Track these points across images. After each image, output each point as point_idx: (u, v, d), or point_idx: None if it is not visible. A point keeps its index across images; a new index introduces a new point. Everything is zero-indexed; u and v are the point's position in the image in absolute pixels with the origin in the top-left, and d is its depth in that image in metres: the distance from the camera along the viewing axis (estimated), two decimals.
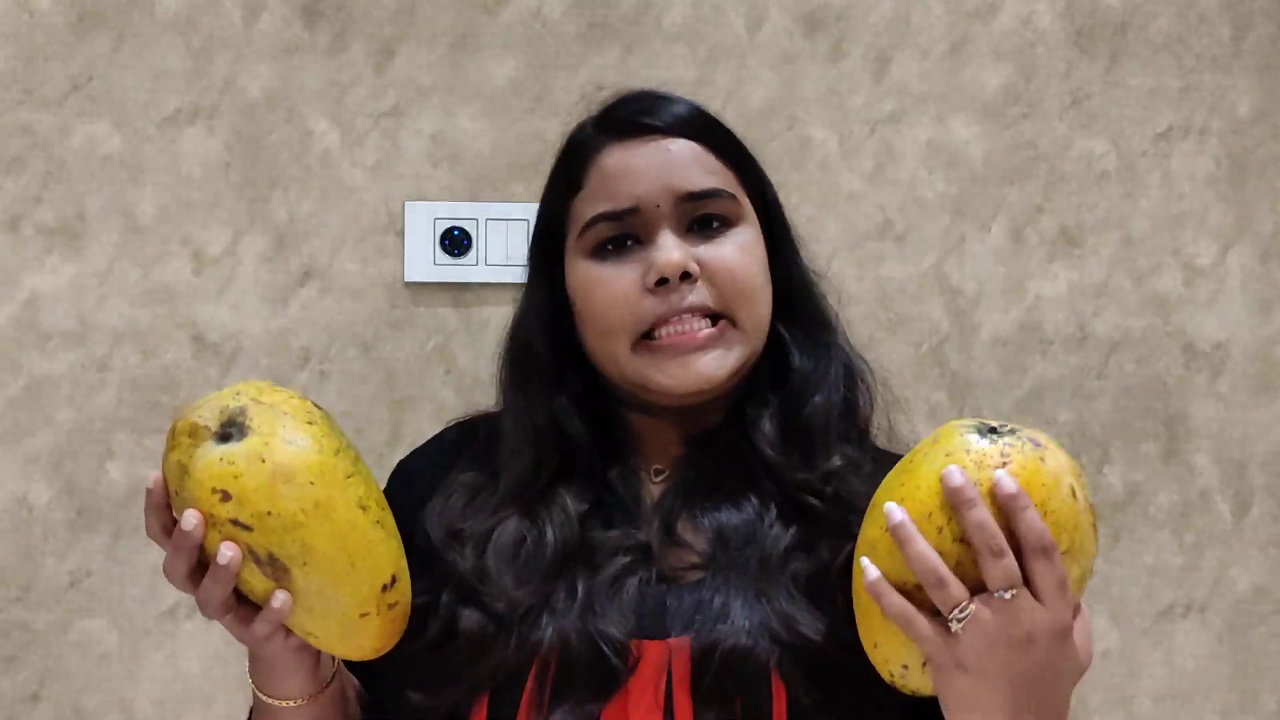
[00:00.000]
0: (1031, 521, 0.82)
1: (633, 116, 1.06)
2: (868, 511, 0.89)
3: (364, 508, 0.90)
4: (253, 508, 0.86)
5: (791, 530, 1.00)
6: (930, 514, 0.84)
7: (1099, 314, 1.87)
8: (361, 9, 1.80)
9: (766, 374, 1.07)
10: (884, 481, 0.90)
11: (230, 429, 0.88)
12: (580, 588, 0.99)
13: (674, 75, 1.81)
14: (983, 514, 0.82)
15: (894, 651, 0.88)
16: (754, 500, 1.02)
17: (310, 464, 0.88)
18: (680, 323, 1.01)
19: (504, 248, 1.79)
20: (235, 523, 0.87)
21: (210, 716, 1.78)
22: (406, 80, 1.81)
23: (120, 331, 1.78)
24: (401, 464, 1.16)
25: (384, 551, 0.92)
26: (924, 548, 0.83)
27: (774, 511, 1.01)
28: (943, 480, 0.83)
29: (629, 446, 1.09)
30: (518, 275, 1.76)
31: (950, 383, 1.85)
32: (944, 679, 0.85)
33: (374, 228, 1.81)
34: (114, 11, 1.78)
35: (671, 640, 0.97)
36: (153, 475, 0.91)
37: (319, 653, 0.97)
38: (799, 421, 1.04)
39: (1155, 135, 1.87)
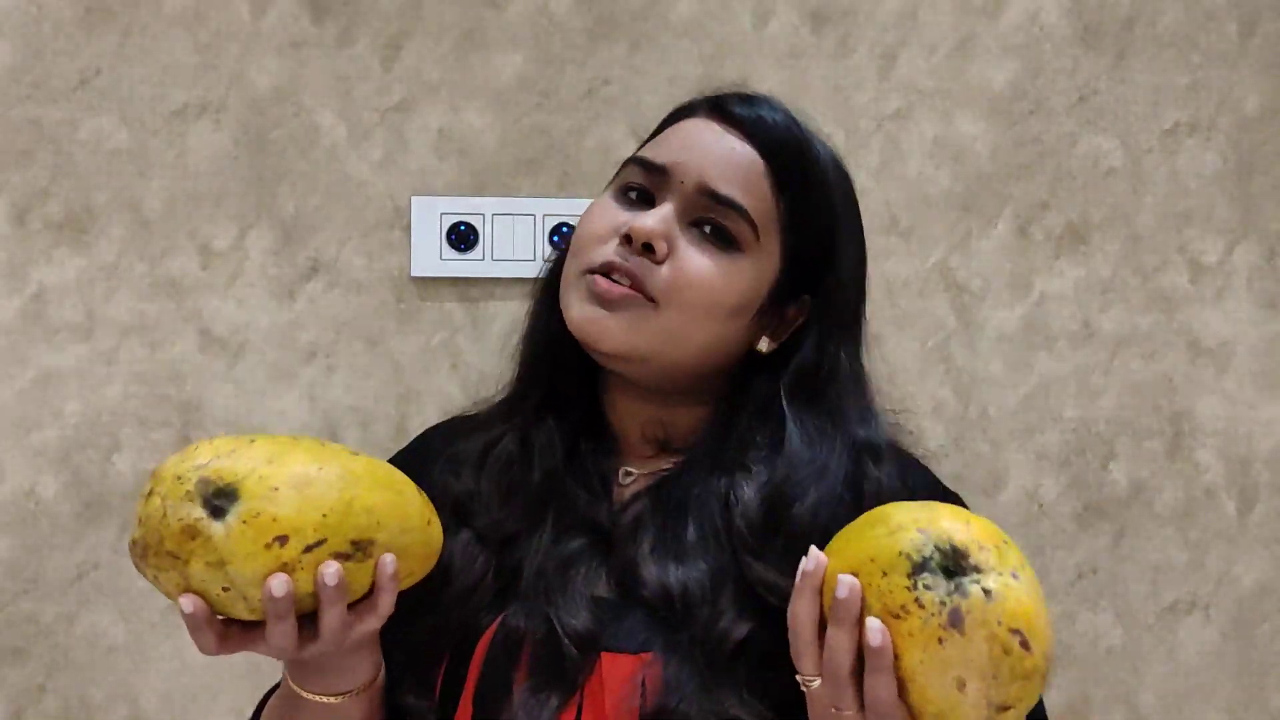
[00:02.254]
0: (877, 685, 0.81)
1: (733, 103, 1.06)
2: (864, 528, 0.86)
3: (355, 454, 0.92)
4: (311, 524, 0.86)
5: (748, 625, 0.95)
6: (832, 590, 0.84)
7: (1105, 310, 1.87)
8: (369, 4, 1.80)
9: (757, 437, 1.03)
10: (867, 515, 0.87)
11: (215, 501, 0.85)
12: (541, 552, 1.01)
13: (680, 71, 1.81)
14: (843, 640, 0.82)
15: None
16: (713, 563, 0.98)
17: (302, 459, 0.88)
18: (618, 278, 1.00)
19: (510, 243, 1.79)
20: (309, 549, 0.86)
21: (216, 709, 1.79)
22: (413, 75, 1.81)
23: (128, 325, 1.78)
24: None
25: (395, 470, 0.94)
26: (806, 609, 0.84)
27: (731, 591, 0.97)
28: (843, 588, 0.81)
29: (605, 430, 1.09)
30: (524, 270, 1.78)
31: (956, 379, 1.85)
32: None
33: (381, 222, 1.81)
34: (121, 6, 1.78)
35: (644, 655, 0.96)
36: (183, 600, 0.86)
37: (377, 638, 0.97)
38: (787, 514, 0.99)
39: (1162, 132, 1.87)
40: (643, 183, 1.03)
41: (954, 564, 0.80)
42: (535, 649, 0.97)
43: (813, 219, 1.04)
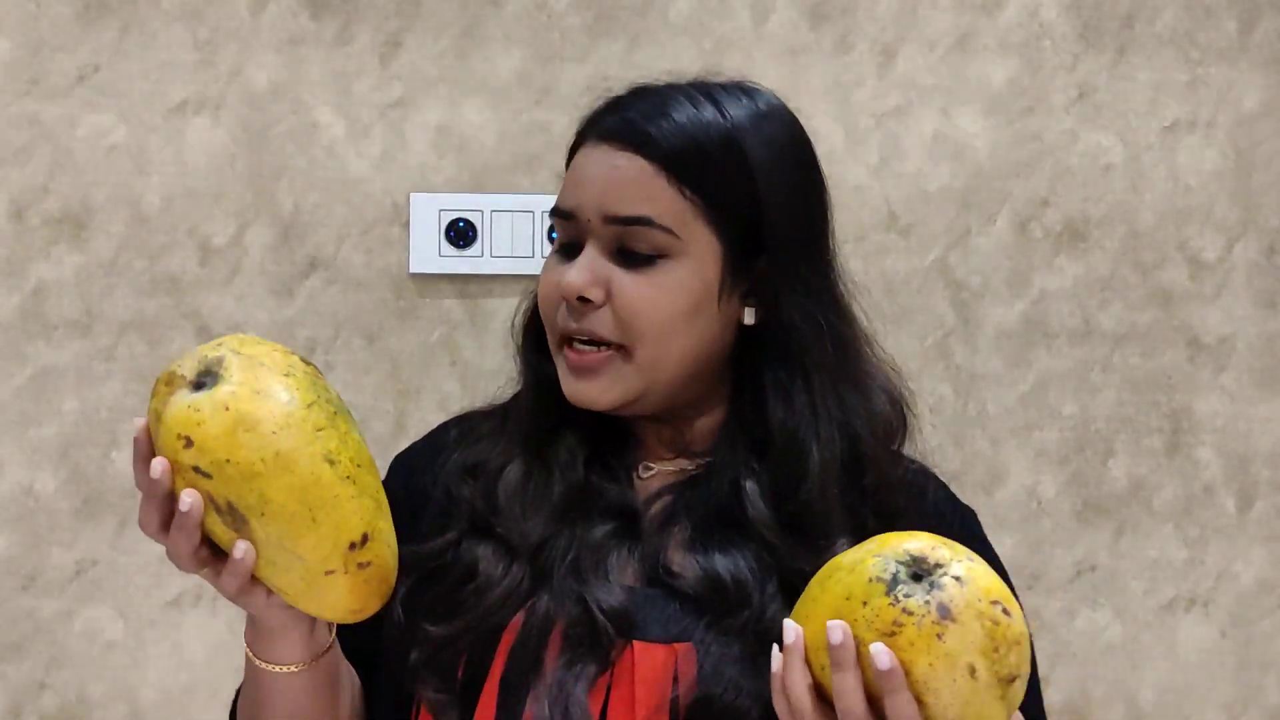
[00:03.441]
0: (898, 706, 0.81)
1: (607, 119, 1.04)
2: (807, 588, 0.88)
3: (332, 462, 0.88)
4: (212, 455, 0.85)
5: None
6: (819, 649, 0.84)
7: (1104, 307, 1.87)
8: (367, 0, 1.80)
9: (747, 419, 1.03)
10: (818, 575, 0.88)
11: (205, 378, 0.87)
12: (573, 544, 1.01)
13: (680, 67, 1.79)
14: (850, 682, 0.82)
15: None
16: (750, 559, 0.99)
17: (275, 414, 0.86)
18: (580, 345, 1.02)
19: (509, 240, 1.79)
20: (196, 470, 0.86)
21: (215, 705, 1.79)
22: (412, 72, 1.81)
23: (126, 321, 1.78)
24: (400, 456, 1.17)
25: (353, 509, 0.88)
26: (798, 679, 0.84)
27: (775, 584, 0.98)
28: (827, 633, 0.82)
29: (621, 431, 1.08)
30: (523, 267, 1.78)
31: (955, 376, 1.85)
32: None
33: (379, 219, 1.81)
34: (120, 2, 1.78)
35: (677, 646, 0.97)
36: (138, 422, 0.90)
37: (309, 619, 0.96)
38: (796, 503, 1.00)
39: (1161, 129, 1.87)
40: (566, 233, 1.04)
41: (919, 569, 0.84)
42: (568, 629, 0.98)
43: (728, 189, 1.02)
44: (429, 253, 1.80)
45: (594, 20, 1.82)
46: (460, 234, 1.79)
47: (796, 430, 1.01)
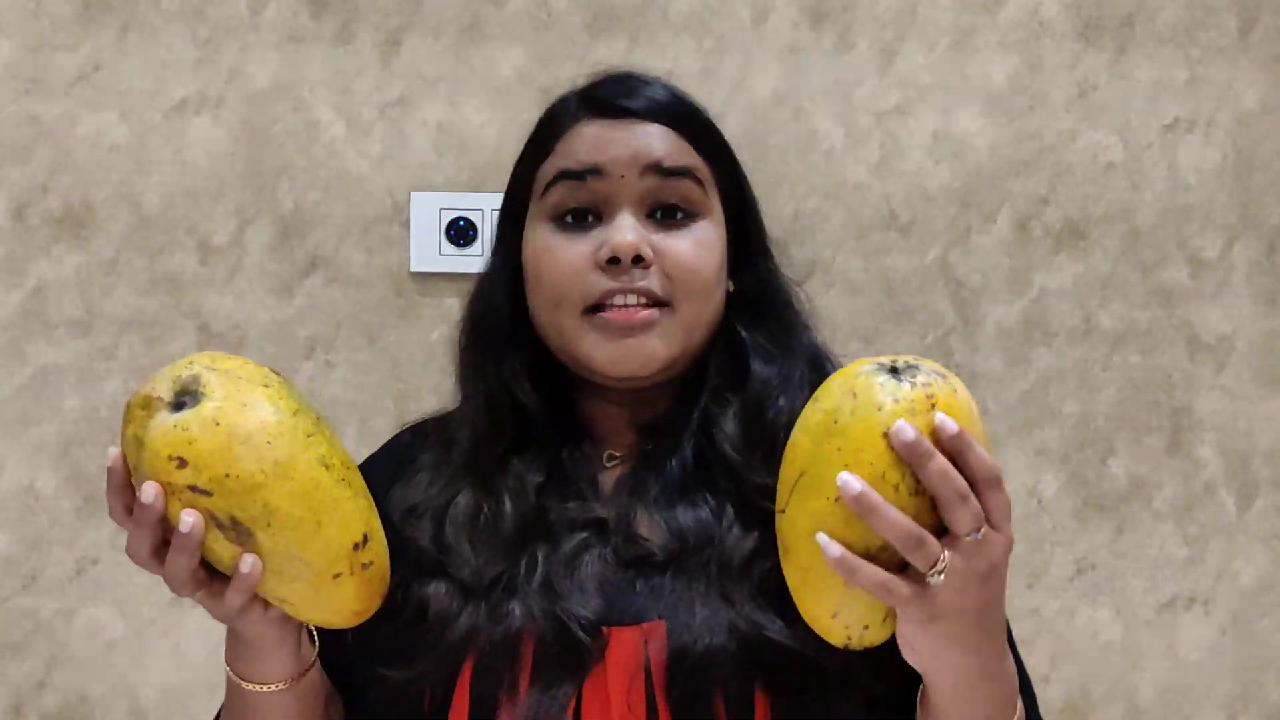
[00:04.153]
0: (980, 457, 0.81)
1: (612, 97, 1.05)
2: (796, 483, 0.85)
3: (327, 466, 0.88)
4: (210, 471, 0.84)
5: (753, 535, 0.98)
6: (884, 474, 0.81)
7: (1104, 306, 1.87)
8: None
9: (726, 373, 1.06)
10: (801, 448, 0.85)
11: (184, 397, 0.86)
12: (540, 562, 0.99)
13: (680, 66, 1.81)
14: (943, 463, 0.80)
15: (856, 616, 0.86)
16: (711, 499, 1.01)
17: (267, 424, 0.86)
18: (625, 300, 1.00)
19: None
20: (194, 489, 0.84)
21: (215, 703, 1.78)
22: (412, 70, 1.81)
23: (126, 320, 1.78)
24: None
25: (352, 509, 0.89)
26: (894, 513, 0.80)
27: (731, 513, 1.00)
28: (892, 437, 0.81)
29: (581, 428, 1.08)
30: None
31: (955, 374, 1.85)
32: (919, 631, 0.84)
33: (380, 218, 1.81)
34: (120, 1, 1.78)
35: (645, 625, 0.96)
36: (112, 452, 0.88)
37: (299, 632, 0.96)
38: (762, 424, 1.02)
39: (1162, 127, 1.87)
40: (577, 201, 1.03)
41: (893, 365, 0.85)
42: (540, 647, 0.96)
43: (723, 160, 1.07)
44: (429, 251, 1.80)
45: (594, 19, 1.82)
46: (460, 232, 1.79)
47: (772, 376, 1.05)
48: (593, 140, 1.03)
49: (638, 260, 1.00)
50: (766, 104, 1.83)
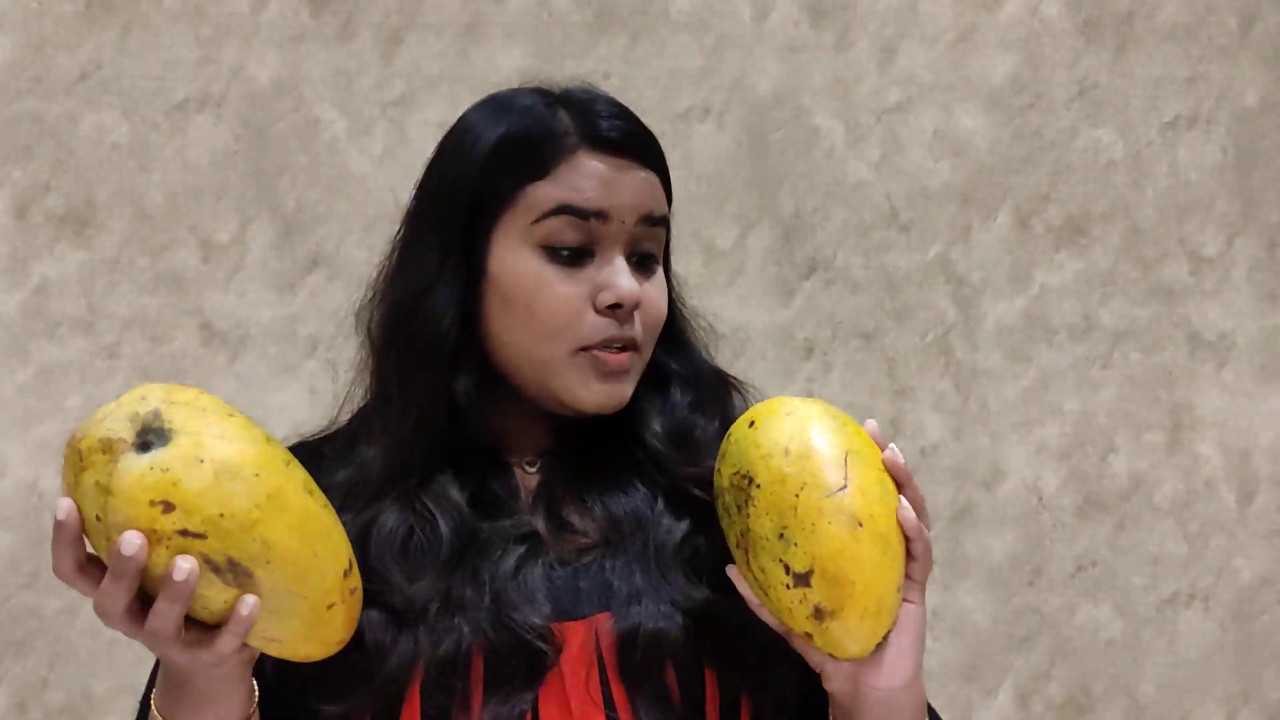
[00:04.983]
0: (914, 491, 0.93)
1: (617, 137, 1.03)
2: (846, 460, 0.90)
3: (310, 493, 0.84)
4: (202, 513, 0.78)
5: (684, 522, 1.01)
6: (870, 491, 0.91)
7: (1105, 303, 1.87)
8: None
9: (648, 390, 1.08)
10: (836, 439, 0.91)
11: (149, 436, 0.79)
12: (485, 579, 0.97)
13: (680, 64, 1.81)
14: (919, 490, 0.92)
15: (891, 603, 0.92)
16: (641, 487, 1.03)
17: (249, 456, 0.80)
18: (619, 345, 1.01)
19: None
20: (185, 533, 0.78)
21: None
22: (414, 69, 1.81)
23: (129, 319, 1.79)
24: None
25: (338, 536, 0.85)
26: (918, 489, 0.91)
27: (662, 501, 1.02)
28: (891, 461, 0.91)
29: (494, 443, 1.05)
30: None
31: (956, 372, 1.86)
32: (909, 637, 0.92)
33: (381, 216, 1.81)
34: (122, 0, 1.78)
35: (597, 617, 0.97)
36: (63, 505, 0.79)
37: (251, 676, 0.90)
38: (686, 425, 1.06)
39: (1162, 125, 1.87)
40: (576, 239, 1.01)
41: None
42: (492, 659, 0.95)
43: (668, 193, 1.08)
44: None
45: (595, 17, 1.82)
46: None
47: (692, 398, 1.08)
48: (600, 180, 1.01)
49: (634, 308, 1.02)
50: (767, 102, 1.83)
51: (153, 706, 0.91)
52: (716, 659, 0.97)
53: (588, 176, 1.01)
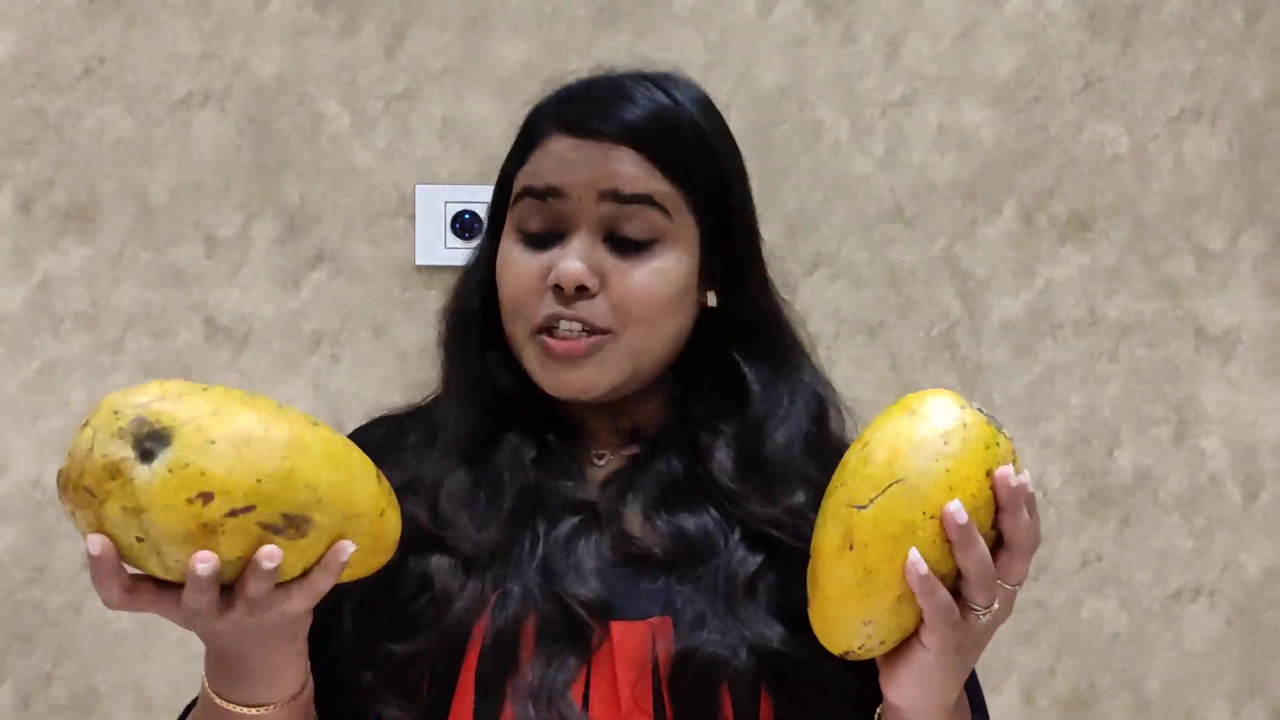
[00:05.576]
0: (1032, 520, 0.87)
1: (583, 116, 1.03)
2: (889, 488, 0.87)
3: (314, 423, 0.85)
4: (241, 488, 0.79)
5: (759, 556, 0.99)
6: (977, 509, 0.85)
7: (1110, 298, 1.87)
8: None
9: (717, 400, 1.05)
10: (900, 454, 0.87)
11: (147, 443, 0.79)
12: (540, 541, 0.99)
13: (684, 59, 1.80)
14: (1027, 516, 0.86)
15: (884, 629, 0.88)
16: (714, 514, 1.01)
17: (251, 417, 0.81)
18: (569, 327, 1.00)
19: None
20: (234, 513, 0.79)
21: None
22: (417, 63, 1.81)
23: (133, 314, 1.79)
24: None
25: (352, 449, 0.87)
26: (984, 548, 0.85)
27: (738, 533, 1.00)
28: (1001, 482, 0.86)
29: (568, 423, 1.07)
30: None
31: (961, 367, 1.85)
32: (938, 659, 0.88)
33: (385, 211, 1.81)
34: None
35: (653, 620, 0.97)
36: (94, 541, 0.79)
37: (305, 646, 0.93)
38: (759, 458, 1.03)
39: (1168, 119, 1.87)
40: (541, 220, 1.02)
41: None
42: (544, 625, 0.97)
43: (701, 181, 1.04)
44: (435, 244, 1.80)
45: (599, 12, 1.82)
46: (466, 225, 1.79)
47: (770, 403, 1.04)
48: (557, 159, 1.02)
49: (581, 290, 1.00)
50: (771, 96, 1.83)
51: (205, 687, 0.93)
52: (778, 690, 0.95)
53: (548, 157, 1.03)
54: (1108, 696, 1.87)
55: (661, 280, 1.01)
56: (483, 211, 1.79)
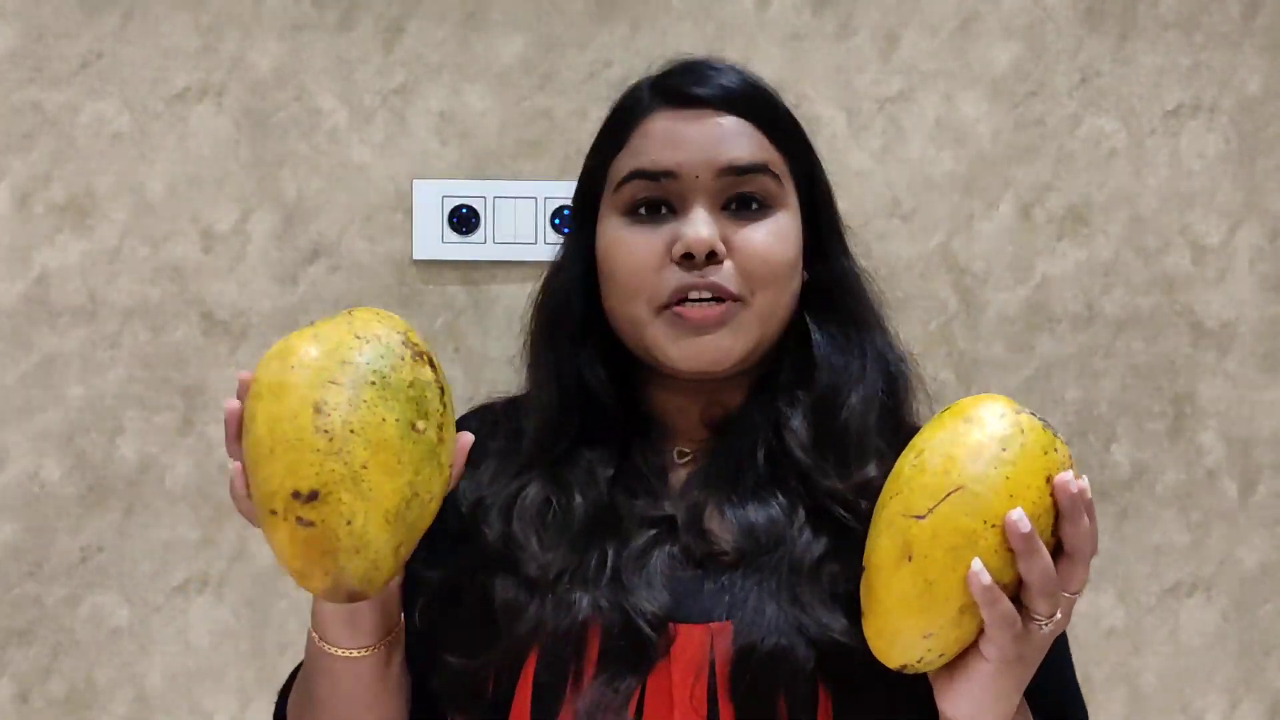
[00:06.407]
0: (1092, 525, 0.87)
1: (685, 86, 1.05)
2: (948, 496, 0.85)
3: (318, 410, 0.90)
4: (256, 381, 0.91)
5: (823, 540, 0.99)
6: (1038, 516, 0.85)
7: (1107, 292, 1.87)
8: None
9: (795, 367, 1.06)
10: (958, 462, 0.86)
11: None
12: (610, 557, 0.99)
13: (682, 53, 1.80)
14: (1088, 522, 0.86)
15: (943, 642, 0.87)
16: (781, 499, 1.01)
17: (303, 355, 0.92)
18: (700, 295, 1.01)
19: (512, 226, 1.80)
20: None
21: (221, 691, 1.80)
22: (415, 58, 1.80)
23: (130, 309, 1.79)
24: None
25: (312, 460, 0.89)
26: (1047, 558, 0.84)
27: (802, 515, 1.00)
28: (1061, 489, 0.85)
29: (653, 423, 1.08)
30: (526, 254, 1.78)
31: (958, 361, 1.86)
32: (998, 670, 0.88)
33: (382, 205, 1.81)
34: None
35: (713, 625, 0.97)
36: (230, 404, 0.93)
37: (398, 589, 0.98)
38: (835, 424, 1.03)
39: (1165, 113, 1.87)
40: (650, 196, 1.03)
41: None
42: (609, 639, 0.97)
43: (797, 146, 1.07)
44: (432, 239, 1.80)
45: (596, 5, 1.82)
46: (463, 220, 1.79)
47: (843, 369, 1.05)
48: (666, 137, 1.03)
49: (711, 256, 1.00)
50: None
51: (314, 639, 0.97)
52: (837, 687, 0.94)
53: (653, 138, 1.04)
54: (1104, 690, 1.87)
55: (782, 243, 1.03)
56: (480, 206, 1.80)
